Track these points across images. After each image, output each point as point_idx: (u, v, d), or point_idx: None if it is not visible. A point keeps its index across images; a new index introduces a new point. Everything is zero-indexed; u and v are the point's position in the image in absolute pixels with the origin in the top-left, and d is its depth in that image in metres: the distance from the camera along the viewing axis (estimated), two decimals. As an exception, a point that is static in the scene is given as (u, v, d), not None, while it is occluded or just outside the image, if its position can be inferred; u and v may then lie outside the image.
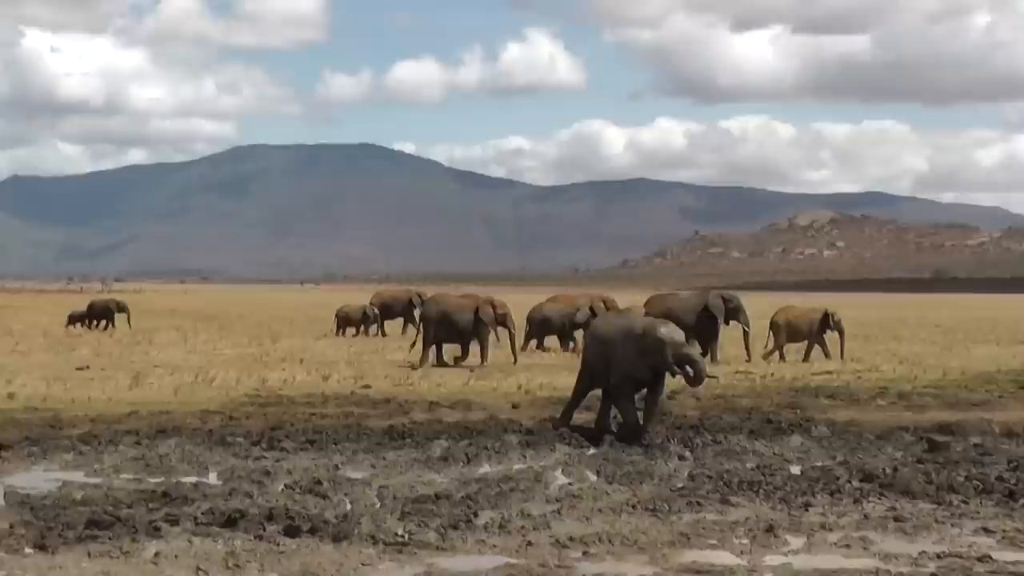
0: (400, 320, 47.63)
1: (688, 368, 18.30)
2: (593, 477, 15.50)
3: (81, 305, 53.21)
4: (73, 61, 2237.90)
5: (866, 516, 13.11)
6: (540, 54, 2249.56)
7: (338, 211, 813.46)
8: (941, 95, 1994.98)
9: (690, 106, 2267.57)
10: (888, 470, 15.55)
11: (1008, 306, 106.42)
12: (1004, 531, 12.51)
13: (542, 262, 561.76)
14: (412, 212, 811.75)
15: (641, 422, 18.33)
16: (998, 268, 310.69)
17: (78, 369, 28.05)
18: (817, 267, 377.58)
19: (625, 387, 18.69)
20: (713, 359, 31.56)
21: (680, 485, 14.76)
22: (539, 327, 37.00)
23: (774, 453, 17.44)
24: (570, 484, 14.91)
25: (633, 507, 13.34)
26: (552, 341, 37.48)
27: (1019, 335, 49.85)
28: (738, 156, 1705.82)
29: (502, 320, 31.81)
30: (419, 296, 45.61)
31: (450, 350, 31.50)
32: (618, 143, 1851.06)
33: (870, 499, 13.96)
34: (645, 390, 18.68)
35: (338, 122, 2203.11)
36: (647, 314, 33.10)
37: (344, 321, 46.10)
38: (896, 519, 12.91)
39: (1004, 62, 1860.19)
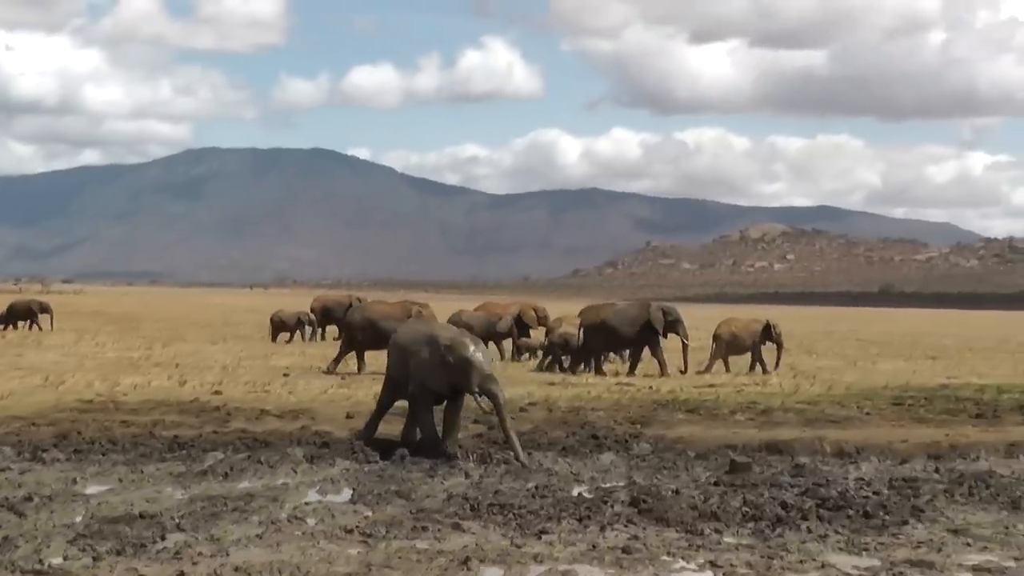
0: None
1: (489, 399, 17.45)
2: (345, 496, 14.76)
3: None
4: (28, 60, 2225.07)
5: (594, 546, 12.27)
6: (498, 62, 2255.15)
7: (291, 215, 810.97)
8: (896, 111, 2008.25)
9: (646, 117, 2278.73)
10: (670, 493, 14.88)
11: (944, 321, 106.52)
12: (732, 565, 11.72)
13: (495, 270, 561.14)
14: (366, 218, 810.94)
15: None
16: (945, 283, 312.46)
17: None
18: (767, 280, 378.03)
19: (424, 398, 17.88)
20: (663, 370, 31.26)
21: (428, 507, 13.93)
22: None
23: (570, 472, 16.72)
24: (307, 504, 14.12)
25: (349, 532, 12.54)
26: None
27: (932, 350, 49.47)
28: (693, 168, 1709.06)
29: None
30: (359, 301, 44.96)
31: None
32: (573, 153, 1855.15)
33: (617, 526, 13.18)
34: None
35: (294, 126, 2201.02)
36: (581, 325, 32.66)
37: (278, 326, 45.21)
38: (624, 550, 12.07)
39: (959, 79, 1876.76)
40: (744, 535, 12.98)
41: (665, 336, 32.59)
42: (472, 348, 17.59)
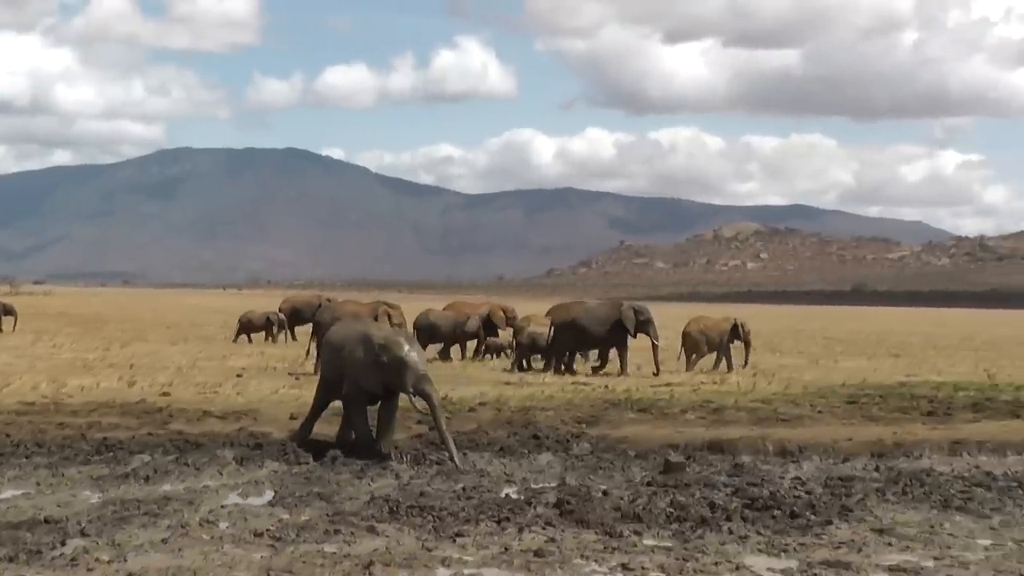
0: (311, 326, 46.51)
1: (424, 400, 17.19)
2: (265, 498, 14.53)
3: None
4: None
5: (506, 549, 12.04)
6: (472, 62, 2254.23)
7: (265, 216, 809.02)
8: (869, 110, 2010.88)
9: (621, 117, 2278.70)
10: (599, 494, 14.71)
11: (914, 320, 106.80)
12: (644, 567, 11.51)
13: (469, 270, 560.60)
14: (340, 218, 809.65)
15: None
16: (917, 282, 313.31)
17: None
18: (741, 279, 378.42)
19: (357, 399, 17.67)
20: (623, 370, 31.16)
21: (347, 509, 13.69)
22: (424, 335, 35.44)
23: (503, 473, 16.55)
24: (223, 507, 13.87)
25: (258, 536, 12.28)
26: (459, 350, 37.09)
27: (896, 348, 49.55)
28: (667, 167, 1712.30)
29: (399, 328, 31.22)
30: (328, 301, 44.74)
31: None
32: (548, 152, 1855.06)
33: (535, 528, 12.94)
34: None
35: (267, 126, 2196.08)
36: (551, 324, 32.51)
37: (246, 327, 44.99)
38: (536, 553, 11.83)
39: (931, 79, 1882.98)
40: (665, 537, 12.80)
41: (635, 336, 32.41)
42: (407, 348, 17.37)
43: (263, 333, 45.11)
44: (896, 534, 13.08)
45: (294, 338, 44.89)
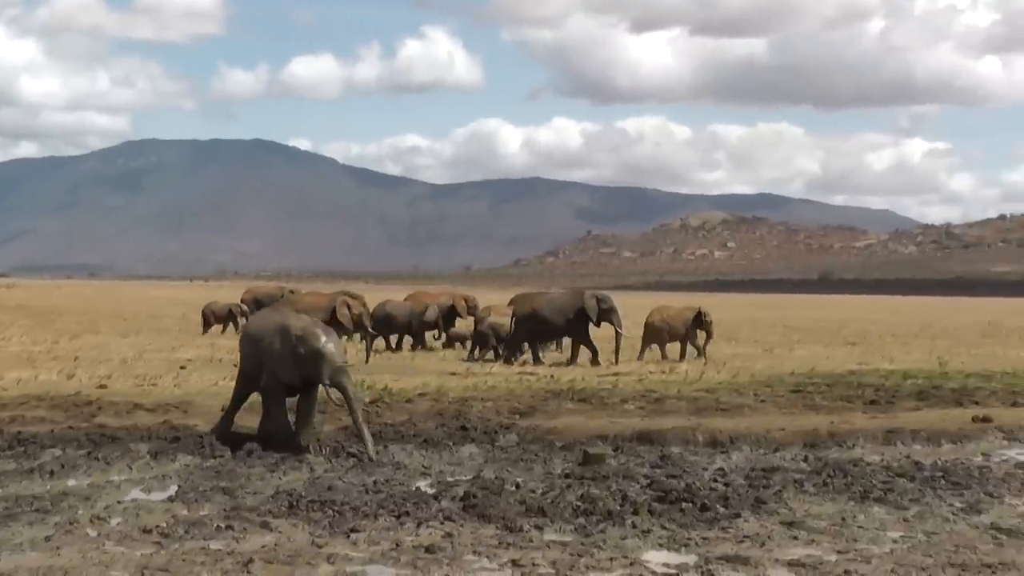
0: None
1: (340, 392, 16.93)
2: (168, 493, 14.24)
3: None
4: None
5: (398, 545, 11.72)
6: (438, 52, 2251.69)
7: (231, 207, 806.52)
8: (835, 99, 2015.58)
9: (587, 106, 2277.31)
10: (513, 487, 14.44)
11: (877, 308, 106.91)
12: (535, 563, 11.20)
13: (436, 260, 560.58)
14: (307, 209, 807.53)
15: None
16: (883, 270, 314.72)
17: None
18: (708, 268, 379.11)
19: (276, 390, 17.42)
20: (595, 359, 30.85)
21: (246, 504, 13.38)
22: (381, 325, 35.10)
23: (421, 466, 16.34)
24: (119, 503, 13.55)
25: (147, 533, 11.97)
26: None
27: (854, 336, 49.56)
28: (634, 157, 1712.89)
29: (357, 319, 31.22)
30: (291, 292, 44.44)
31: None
32: (514, 142, 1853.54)
33: (434, 523, 12.65)
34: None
35: (233, 117, 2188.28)
36: (513, 314, 32.31)
37: (209, 319, 44.74)
38: (428, 549, 11.53)
39: (897, 68, 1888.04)
40: (567, 531, 12.52)
41: (598, 325, 32.15)
42: (324, 339, 17.13)
43: (226, 324, 44.76)
44: (805, 527, 12.85)
45: None
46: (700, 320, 34.20)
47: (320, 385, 17.14)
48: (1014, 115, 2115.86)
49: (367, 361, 30.37)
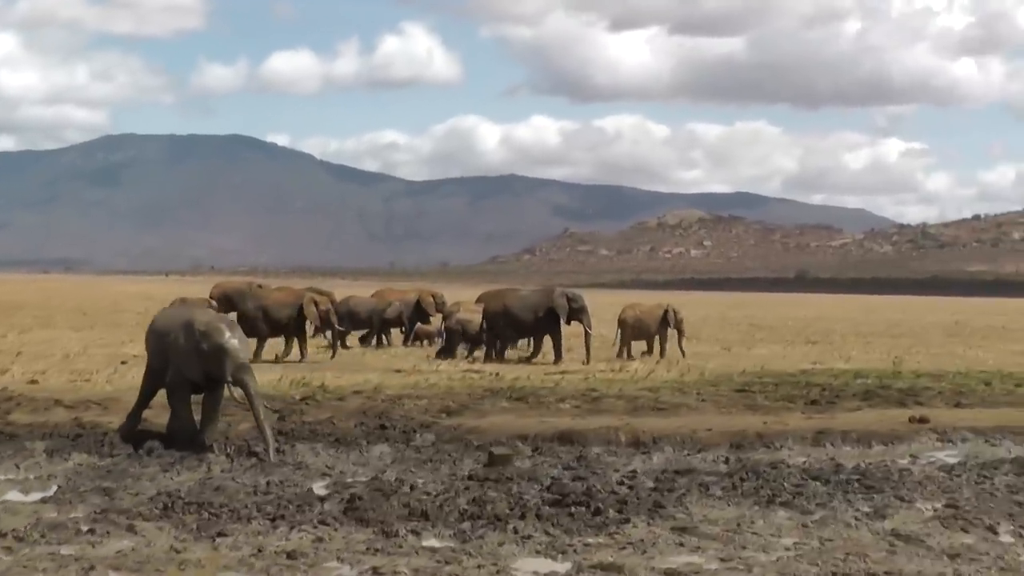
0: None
1: (242, 389, 16.60)
2: (46, 494, 13.84)
3: None
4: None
5: (259, 551, 11.26)
6: (417, 48, 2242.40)
7: (209, 202, 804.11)
8: (812, 98, 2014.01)
9: (565, 104, 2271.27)
10: (408, 489, 14.06)
11: (849, 306, 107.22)
12: (397, 571, 10.79)
13: (414, 257, 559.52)
14: (284, 205, 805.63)
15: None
16: (859, 269, 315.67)
17: None
18: (684, 266, 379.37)
19: (180, 386, 17.07)
20: (558, 357, 30.80)
21: (120, 507, 12.95)
22: (344, 321, 34.54)
23: (324, 466, 15.95)
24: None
25: (2, 536, 11.53)
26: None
27: (817, 335, 49.53)
28: (612, 155, 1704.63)
29: (324, 315, 31.15)
30: (259, 287, 44.08)
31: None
32: (492, 139, 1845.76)
33: (307, 527, 12.22)
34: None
35: (212, 112, 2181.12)
36: (484, 311, 32.11)
37: None
38: (289, 555, 11.11)
39: (874, 67, 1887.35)
40: (445, 536, 12.13)
41: (568, 323, 32.01)
42: (227, 335, 16.81)
43: None
44: (697, 533, 12.42)
45: None
46: (667, 318, 34.22)
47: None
48: (989, 116, 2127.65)
49: (332, 357, 30.46)
